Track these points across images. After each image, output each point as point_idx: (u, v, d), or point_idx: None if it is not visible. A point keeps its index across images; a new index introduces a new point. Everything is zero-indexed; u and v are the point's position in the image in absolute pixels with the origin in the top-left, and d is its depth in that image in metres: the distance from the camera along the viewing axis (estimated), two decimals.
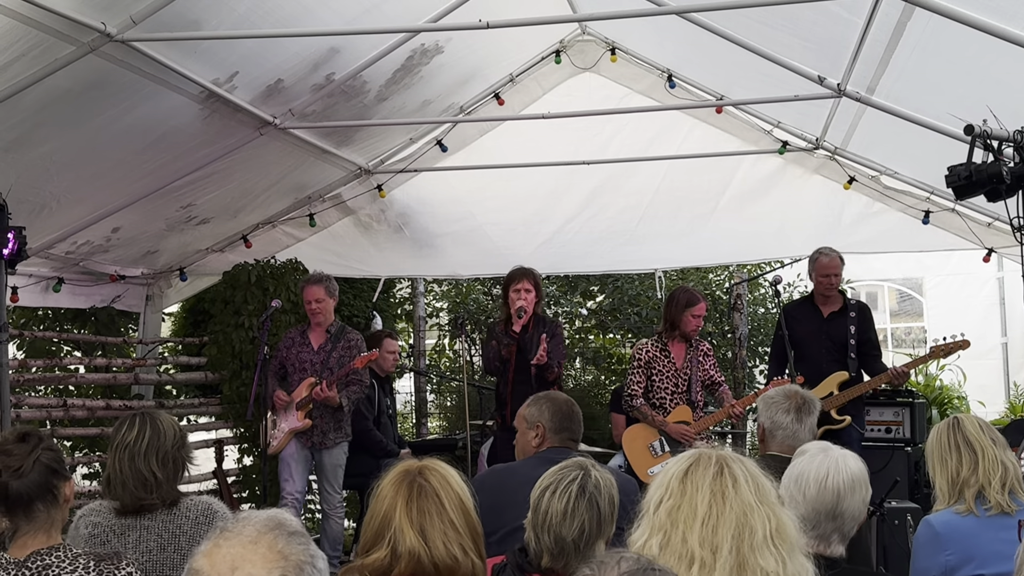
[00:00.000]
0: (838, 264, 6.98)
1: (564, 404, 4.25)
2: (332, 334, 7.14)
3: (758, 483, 2.31)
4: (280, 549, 1.80)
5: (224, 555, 1.78)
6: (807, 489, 2.87)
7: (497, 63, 7.85)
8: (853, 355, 6.92)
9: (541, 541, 2.86)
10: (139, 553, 3.34)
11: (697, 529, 2.24)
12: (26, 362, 7.34)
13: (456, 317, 11.50)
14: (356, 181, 8.54)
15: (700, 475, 2.32)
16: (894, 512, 6.49)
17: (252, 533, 1.82)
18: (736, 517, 2.24)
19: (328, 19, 5.79)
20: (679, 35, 6.74)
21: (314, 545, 1.87)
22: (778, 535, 2.24)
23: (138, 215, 7.13)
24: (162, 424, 3.50)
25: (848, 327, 6.96)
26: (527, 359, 6.69)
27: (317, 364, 7.05)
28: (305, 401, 6.92)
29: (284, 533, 1.83)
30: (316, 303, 7.05)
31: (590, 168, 8.15)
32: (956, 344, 6.64)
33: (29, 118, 5.17)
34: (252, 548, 1.79)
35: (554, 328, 6.98)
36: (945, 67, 5.47)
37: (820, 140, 7.73)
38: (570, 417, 4.21)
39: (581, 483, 2.88)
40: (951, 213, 7.70)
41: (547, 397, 4.31)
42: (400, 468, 2.64)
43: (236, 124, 6.50)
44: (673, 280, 10.41)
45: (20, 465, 2.84)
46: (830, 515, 2.87)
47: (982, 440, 3.55)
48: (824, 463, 2.92)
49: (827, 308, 7.07)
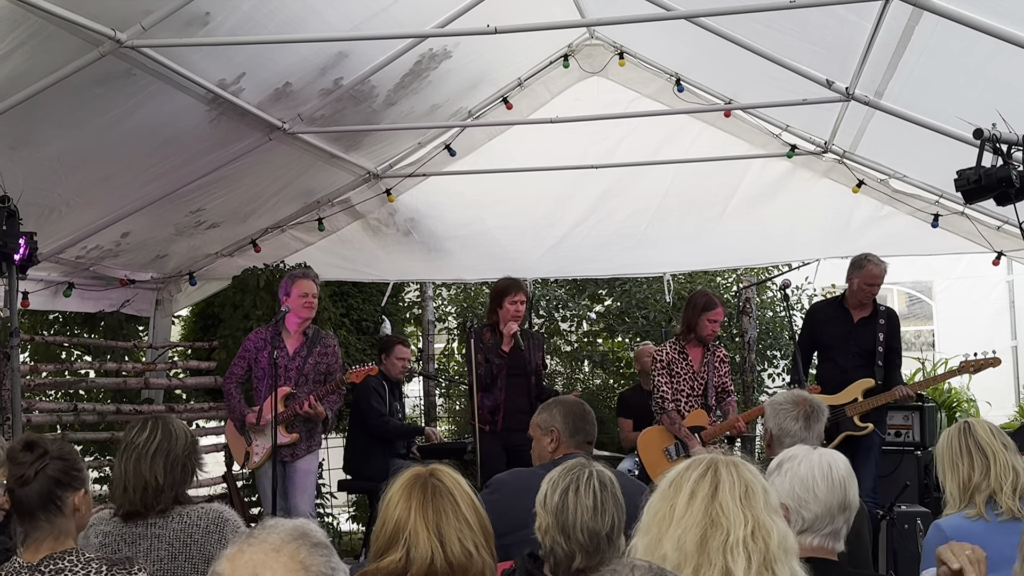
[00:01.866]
0: (884, 273, 6.93)
1: (576, 406, 4.23)
2: (309, 338, 6.68)
3: (747, 488, 2.31)
4: (302, 559, 1.82)
5: (247, 561, 1.80)
6: (816, 488, 2.88)
7: (505, 67, 7.86)
8: (880, 363, 6.88)
9: (573, 541, 2.82)
10: (150, 562, 3.34)
11: (670, 530, 2.27)
12: (37, 367, 7.36)
13: (465, 321, 11.50)
14: (365, 185, 8.56)
15: (685, 477, 2.35)
16: (904, 516, 6.49)
17: (276, 541, 1.84)
18: (706, 517, 2.25)
19: (335, 21, 5.77)
20: (687, 39, 6.73)
21: (336, 557, 1.89)
22: (753, 539, 2.24)
23: (148, 220, 7.15)
24: (174, 429, 3.50)
25: (877, 334, 6.91)
26: (525, 370, 7.02)
27: (292, 371, 6.55)
28: (287, 416, 6.46)
29: (308, 544, 1.85)
30: (313, 297, 6.62)
31: (598, 172, 8.14)
32: (987, 361, 6.61)
33: (34, 112, 5.12)
34: (274, 556, 1.81)
35: (541, 342, 7.41)
36: (954, 71, 5.46)
37: (829, 144, 7.72)
38: (583, 418, 4.19)
39: (599, 478, 2.89)
40: (960, 217, 7.68)
41: (558, 402, 4.29)
42: (410, 474, 2.67)
43: (245, 128, 6.52)
44: (681, 283, 10.40)
45: (23, 474, 2.85)
46: (841, 507, 2.89)
47: (993, 445, 3.55)
48: (821, 460, 2.93)
49: (858, 313, 7.01)
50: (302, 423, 6.62)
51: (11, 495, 2.87)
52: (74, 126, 5.55)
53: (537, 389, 7.05)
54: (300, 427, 6.62)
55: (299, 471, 6.66)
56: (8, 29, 4.44)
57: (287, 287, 6.65)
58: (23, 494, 2.85)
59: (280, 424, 6.44)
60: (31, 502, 2.85)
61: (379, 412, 7.75)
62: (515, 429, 6.68)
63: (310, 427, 6.69)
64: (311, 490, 6.81)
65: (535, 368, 7.10)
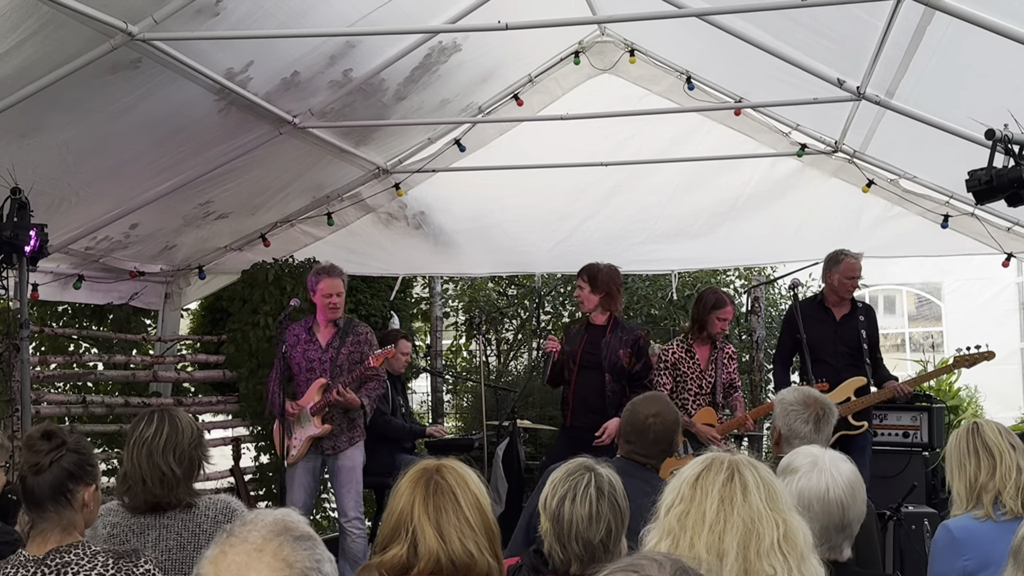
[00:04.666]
0: (861, 266, 6.94)
1: (639, 416, 4.14)
2: (340, 328, 6.64)
3: (769, 489, 2.33)
4: (285, 556, 1.80)
5: (229, 563, 1.79)
6: (811, 508, 2.83)
7: (516, 63, 7.86)
8: (868, 360, 6.88)
9: (568, 550, 2.85)
10: (158, 552, 3.35)
11: (704, 535, 2.27)
12: (45, 359, 7.39)
13: (471, 317, 11.51)
14: (374, 180, 8.57)
15: (710, 480, 2.35)
16: (911, 517, 6.48)
17: (258, 540, 1.82)
18: (743, 524, 2.27)
19: (344, 10, 5.73)
20: (698, 37, 6.73)
21: (321, 547, 1.87)
22: (786, 541, 2.26)
23: (157, 211, 7.16)
24: (180, 421, 3.49)
25: (859, 330, 6.90)
26: (596, 361, 6.64)
27: (326, 363, 6.57)
28: (320, 406, 6.48)
29: (290, 539, 1.84)
30: (337, 296, 6.55)
31: (608, 169, 8.14)
32: (980, 355, 6.59)
33: (44, 100, 5.11)
34: (257, 556, 1.80)
35: (633, 337, 6.72)
36: (965, 71, 5.45)
37: (839, 143, 7.70)
38: (640, 432, 4.09)
39: (598, 485, 2.88)
40: (970, 218, 7.66)
41: (631, 403, 4.26)
42: (418, 466, 2.67)
43: (254, 120, 6.51)
44: (686, 281, 10.40)
45: (38, 462, 2.86)
46: (838, 527, 2.85)
47: (1001, 445, 3.55)
48: (820, 479, 2.86)
49: (839, 311, 6.98)
50: (342, 414, 6.57)
51: (23, 482, 2.88)
52: (84, 114, 5.53)
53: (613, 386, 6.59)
54: (340, 418, 6.57)
55: (343, 468, 6.61)
56: (20, 19, 4.44)
57: (313, 283, 6.63)
58: (35, 483, 2.85)
59: (316, 415, 6.49)
60: (42, 491, 2.85)
61: (380, 411, 7.75)
62: (584, 428, 6.52)
63: (351, 417, 6.63)
64: (357, 487, 6.72)
65: (613, 364, 6.61)
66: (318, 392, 6.52)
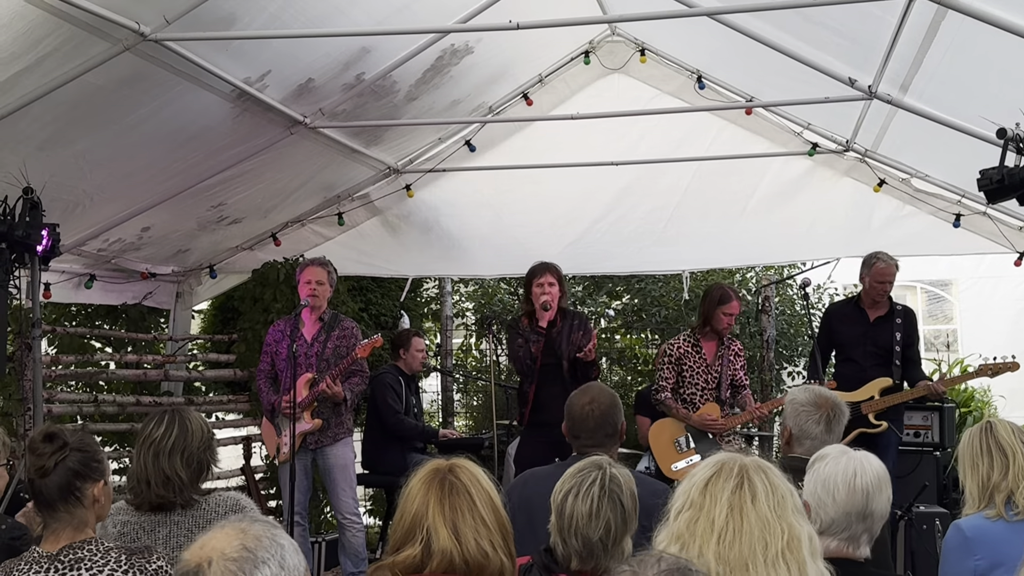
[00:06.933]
0: (894, 271, 6.94)
1: (575, 409, 4.04)
2: (325, 323, 6.66)
3: (778, 496, 2.34)
4: (243, 527, 2.07)
5: (199, 543, 2.07)
6: (836, 492, 2.87)
7: (526, 63, 7.86)
8: (898, 362, 6.88)
9: (569, 545, 2.87)
10: (168, 549, 3.36)
11: (713, 544, 2.29)
12: (58, 358, 7.42)
13: (483, 317, 11.52)
14: (384, 181, 8.57)
15: (720, 487, 2.36)
16: (922, 516, 6.47)
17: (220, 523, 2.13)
18: (751, 533, 2.28)
19: (359, 19, 5.81)
20: (709, 36, 6.71)
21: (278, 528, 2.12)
22: (789, 549, 2.28)
23: (169, 214, 7.19)
24: (191, 423, 3.51)
25: (894, 333, 6.92)
26: (556, 354, 6.55)
27: (312, 358, 6.55)
28: (308, 401, 6.47)
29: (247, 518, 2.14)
30: (317, 284, 6.55)
31: (618, 169, 8.12)
32: (1005, 365, 6.62)
33: (62, 115, 5.23)
34: (218, 529, 2.09)
35: (586, 323, 6.76)
36: (978, 69, 5.42)
37: (850, 142, 7.68)
38: (581, 423, 4.00)
39: (602, 483, 2.88)
40: (982, 216, 7.63)
41: (568, 400, 4.12)
42: (430, 467, 2.67)
43: (266, 123, 6.54)
44: (698, 280, 10.39)
45: (43, 465, 2.87)
46: (860, 516, 2.86)
47: (1014, 445, 3.53)
48: (849, 465, 2.91)
49: (874, 312, 7.02)
50: (329, 409, 6.56)
51: (31, 485, 2.90)
52: (100, 126, 5.60)
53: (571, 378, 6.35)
54: (327, 412, 6.56)
55: (336, 468, 6.60)
56: (41, 37, 4.53)
57: (299, 274, 6.74)
58: (43, 485, 2.87)
59: (306, 410, 6.46)
60: (51, 493, 2.87)
61: (395, 410, 7.76)
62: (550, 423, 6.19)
63: (338, 412, 6.61)
64: (351, 483, 6.71)
65: (569, 353, 6.51)
66: (305, 387, 6.50)
